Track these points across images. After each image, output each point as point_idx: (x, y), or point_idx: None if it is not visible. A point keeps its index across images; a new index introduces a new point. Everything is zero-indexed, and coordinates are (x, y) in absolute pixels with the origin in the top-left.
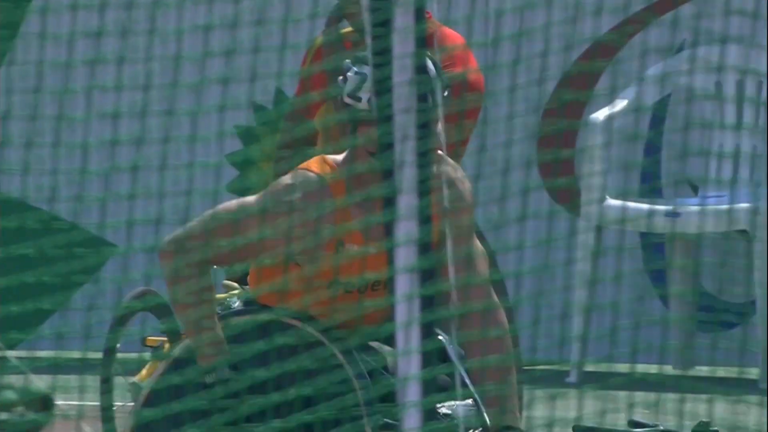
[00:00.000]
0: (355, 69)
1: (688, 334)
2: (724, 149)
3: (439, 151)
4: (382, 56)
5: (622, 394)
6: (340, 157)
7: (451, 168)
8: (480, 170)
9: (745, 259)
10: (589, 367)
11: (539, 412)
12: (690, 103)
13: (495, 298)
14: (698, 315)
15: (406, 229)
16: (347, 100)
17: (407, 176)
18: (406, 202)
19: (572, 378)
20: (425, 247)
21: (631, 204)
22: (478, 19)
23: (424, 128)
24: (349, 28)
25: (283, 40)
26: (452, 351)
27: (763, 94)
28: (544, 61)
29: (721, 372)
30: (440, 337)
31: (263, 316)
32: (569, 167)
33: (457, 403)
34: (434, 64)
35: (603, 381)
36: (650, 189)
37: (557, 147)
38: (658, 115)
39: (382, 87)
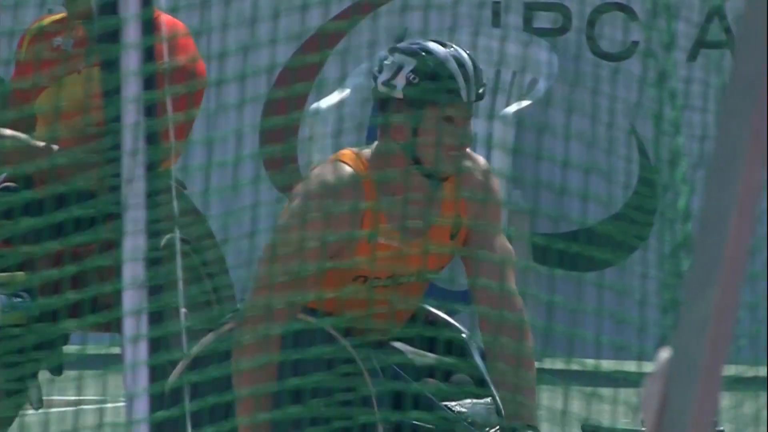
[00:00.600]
0: (391, 58)
1: None
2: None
3: (468, 150)
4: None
5: None
6: (366, 150)
7: (481, 166)
8: (210, 160)
9: None
10: None
11: None
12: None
13: (514, 287)
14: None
15: (133, 244)
16: (381, 88)
17: (136, 190)
18: (133, 217)
19: None
20: (154, 261)
21: None
22: (204, 6)
23: (152, 140)
24: (56, 16)
25: None
26: (474, 347)
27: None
28: (273, 52)
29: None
30: (462, 334)
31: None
32: (293, 157)
33: (474, 401)
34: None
35: None
36: None
37: (280, 139)
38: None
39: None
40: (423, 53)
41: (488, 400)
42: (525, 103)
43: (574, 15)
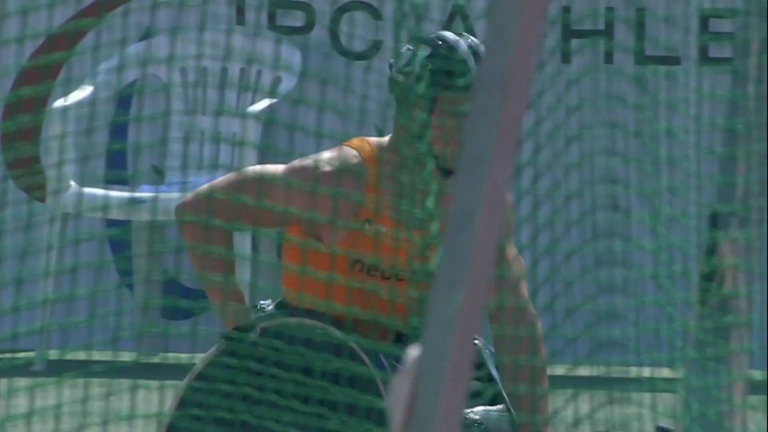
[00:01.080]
0: (408, 46)
1: (154, 321)
2: (190, 135)
3: None
4: None
5: (101, 381)
6: (383, 139)
7: None
8: None
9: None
10: (69, 356)
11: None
12: (153, 94)
13: (527, 297)
14: (167, 301)
15: None
16: (395, 75)
17: None
18: None
19: (38, 366)
20: None
21: (96, 191)
22: None
23: None
24: None
25: None
26: (488, 356)
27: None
28: (21, 50)
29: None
30: (476, 341)
31: (293, 320)
32: (36, 157)
33: (487, 407)
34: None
35: (81, 369)
36: (117, 175)
37: (23, 141)
38: (126, 99)
39: None
40: (438, 41)
41: (501, 407)
42: (270, 101)
43: (319, 13)
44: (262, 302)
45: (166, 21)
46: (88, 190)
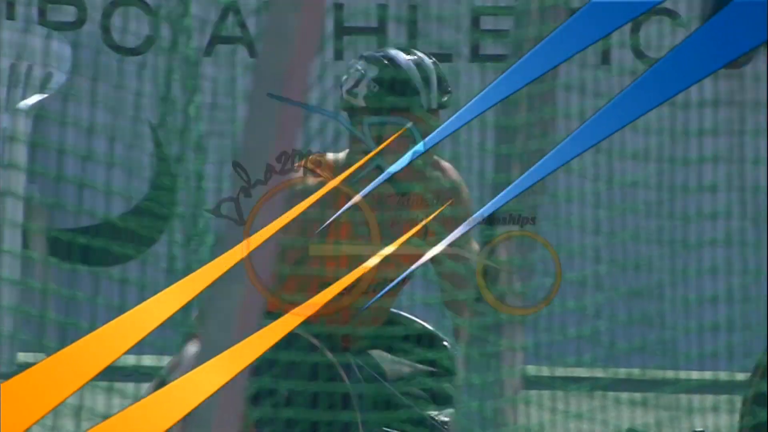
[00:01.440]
0: (356, 66)
1: None
2: None
3: (435, 156)
4: None
5: None
6: (340, 154)
7: (449, 172)
8: None
9: None
10: None
11: None
12: None
13: None
14: None
15: None
16: (345, 96)
17: None
18: None
19: None
20: None
21: None
22: None
23: None
24: None
25: None
26: (456, 357)
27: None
28: None
29: None
30: (445, 343)
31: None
32: None
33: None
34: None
35: None
36: None
37: None
38: None
39: None
40: (385, 61)
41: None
42: (41, 96)
43: (90, 8)
44: None
45: None
46: None
